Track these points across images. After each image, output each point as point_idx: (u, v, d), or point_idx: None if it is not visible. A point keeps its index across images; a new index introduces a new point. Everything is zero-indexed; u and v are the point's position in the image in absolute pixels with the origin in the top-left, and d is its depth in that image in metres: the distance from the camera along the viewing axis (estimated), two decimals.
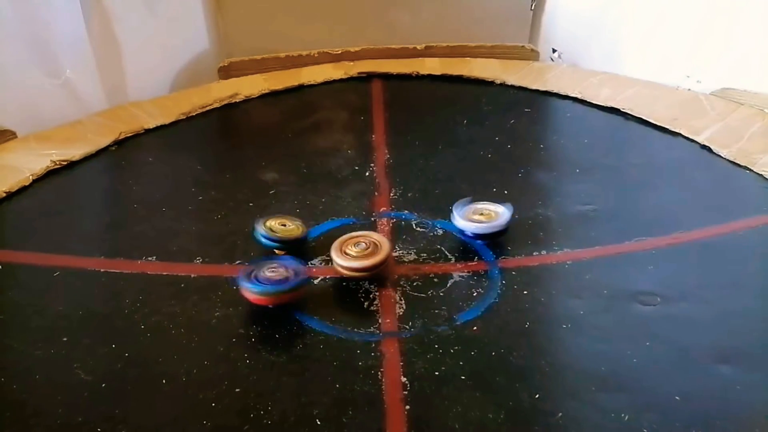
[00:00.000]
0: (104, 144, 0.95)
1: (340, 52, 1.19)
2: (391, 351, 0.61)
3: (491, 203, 0.76)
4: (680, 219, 0.78)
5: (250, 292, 0.64)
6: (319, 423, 0.55)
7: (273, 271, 0.66)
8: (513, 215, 0.74)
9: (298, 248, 0.73)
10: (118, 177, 0.91)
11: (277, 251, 0.73)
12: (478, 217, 0.74)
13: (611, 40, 1.14)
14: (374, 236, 0.71)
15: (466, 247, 0.75)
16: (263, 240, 0.72)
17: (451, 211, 0.75)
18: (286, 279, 0.65)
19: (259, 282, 0.65)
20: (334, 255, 0.68)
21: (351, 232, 0.75)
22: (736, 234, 0.77)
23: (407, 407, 0.56)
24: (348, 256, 0.68)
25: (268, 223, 0.73)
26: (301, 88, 1.13)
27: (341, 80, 1.15)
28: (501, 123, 1.01)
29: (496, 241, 0.75)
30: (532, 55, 1.22)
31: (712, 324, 0.65)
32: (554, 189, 0.87)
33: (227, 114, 1.07)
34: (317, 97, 1.11)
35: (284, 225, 0.74)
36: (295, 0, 1.17)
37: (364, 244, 0.69)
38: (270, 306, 0.66)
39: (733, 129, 0.95)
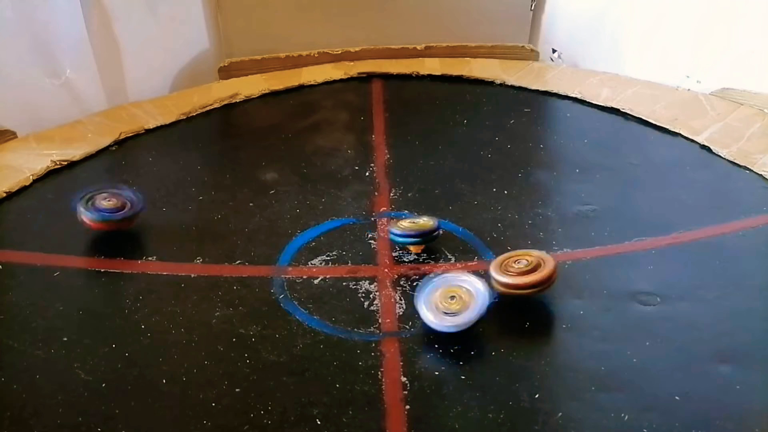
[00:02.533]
0: (104, 144, 0.95)
1: (340, 52, 1.19)
2: (391, 351, 0.61)
3: (462, 276, 0.64)
4: (680, 219, 0.78)
5: (87, 218, 0.72)
6: (319, 423, 0.55)
7: (108, 201, 0.74)
8: (492, 299, 0.63)
9: (433, 240, 0.73)
10: (118, 177, 0.91)
11: (412, 248, 0.73)
12: (447, 305, 0.62)
13: (611, 40, 1.14)
14: (535, 253, 0.66)
15: (466, 247, 0.75)
16: (398, 239, 0.73)
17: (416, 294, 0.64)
18: (122, 208, 0.74)
19: (97, 210, 0.73)
20: (495, 273, 0.65)
21: (351, 232, 0.75)
22: (736, 234, 0.77)
23: (407, 407, 0.56)
24: (510, 274, 0.64)
25: (399, 224, 0.74)
26: (301, 88, 1.13)
27: (341, 80, 1.15)
28: (501, 123, 1.01)
29: (497, 240, 0.75)
30: (532, 55, 1.22)
31: (712, 324, 0.65)
32: (554, 189, 0.87)
33: (227, 114, 1.07)
34: (317, 97, 1.11)
35: (414, 222, 0.74)
36: (295, 0, 1.17)
37: (525, 261, 0.65)
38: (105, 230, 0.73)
39: (733, 129, 0.95)
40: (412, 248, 0.73)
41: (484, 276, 0.65)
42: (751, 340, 0.63)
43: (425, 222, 0.73)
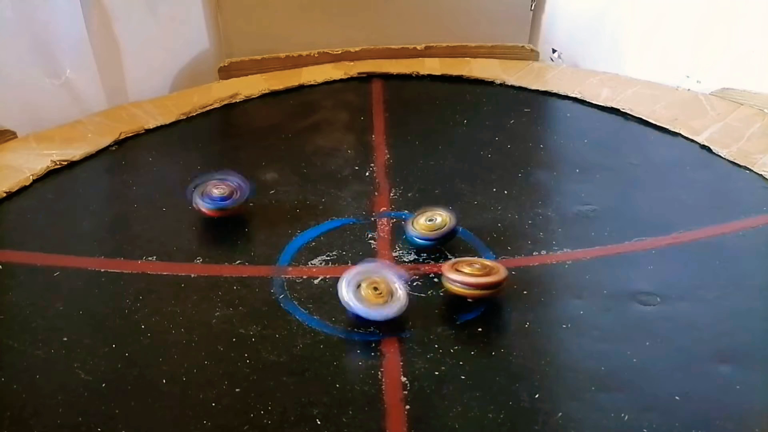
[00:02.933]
0: (104, 144, 0.95)
1: (340, 52, 1.19)
2: (391, 351, 0.61)
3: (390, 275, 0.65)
4: (680, 219, 0.78)
5: (204, 207, 0.76)
6: (319, 423, 0.55)
7: (219, 189, 0.77)
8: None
9: (451, 239, 0.74)
10: (118, 177, 0.91)
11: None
12: (370, 293, 0.64)
13: (611, 40, 1.14)
14: (487, 262, 0.67)
15: (466, 247, 0.75)
16: (417, 241, 0.73)
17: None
18: (231, 195, 0.77)
19: (211, 198, 0.76)
20: (447, 272, 0.65)
21: (351, 232, 0.75)
22: (736, 234, 0.77)
23: (407, 407, 0.56)
24: (463, 273, 0.65)
25: (416, 224, 0.74)
26: (301, 88, 1.13)
27: (341, 80, 1.15)
28: (501, 123, 1.01)
29: (497, 240, 0.75)
30: (532, 55, 1.22)
31: (712, 324, 0.65)
32: (554, 189, 0.87)
33: (227, 114, 1.07)
34: (317, 97, 1.11)
35: (431, 220, 0.73)
36: (295, 0, 1.17)
37: (478, 265, 0.65)
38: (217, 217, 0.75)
39: (733, 129, 0.95)
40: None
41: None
42: (751, 340, 0.63)
43: (442, 219, 0.73)
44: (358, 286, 0.63)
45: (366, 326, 0.64)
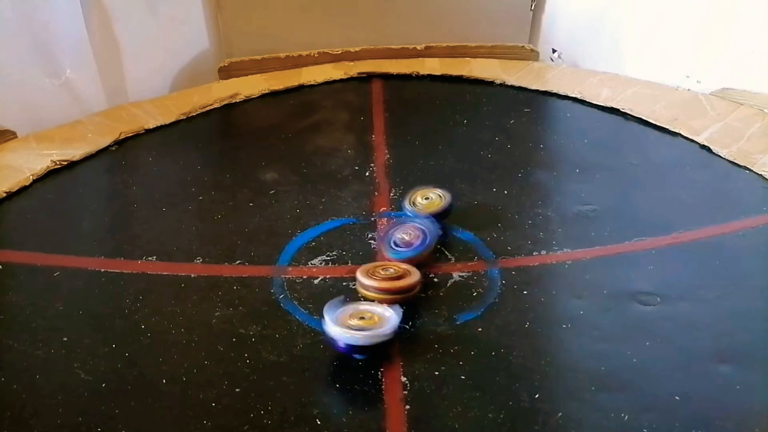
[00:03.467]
0: (104, 144, 0.95)
1: (340, 52, 1.19)
2: (391, 351, 0.61)
3: (373, 305, 0.63)
4: (680, 219, 0.78)
5: (394, 259, 0.68)
6: (319, 423, 0.55)
7: (407, 234, 0.70)
8: (400, 322, 0.61)
9: (444, 217, 0.76)
10: (118, 177, 0.91)
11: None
12: (357, 322, 0.60)
13: (611, 40, 1.14)
14: (403, 266, 0.66)
15: (466, 247, 0.75)
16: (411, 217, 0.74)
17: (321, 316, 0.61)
18: (421, 239, 0.70)
19: (399, 247, 0.69)
20: (361, 277, 0.64)
21: (351, 232, 0.76)
22: (736, 234, 0.77)
23: (407, 407, 0.56)
24: (377, 278, 0.64)
25: (413, 199, 0.76)
26: (301, 88, 1.13)
27: (341, 80, 1.15)
28: (501, 123, 1.01)
29: (497, 240, 0.75)
30: (532, 55, 1.22)
31: (712, 324, 0.65)
32: (554, 189, 0.87)
33: (227, 114, 1.07)
34: (317, 97, 1.11)
35: (427, 198, 0.76)
36: (295, 0, 1.17)
37: (392, 270, 0.65)
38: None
39: (733, 129, 0.95)
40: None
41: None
42: (751, 340, 0.63)
43: (437, 200, 0.76)
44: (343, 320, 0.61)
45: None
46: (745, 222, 0.78)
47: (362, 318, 0.60)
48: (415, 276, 0.65)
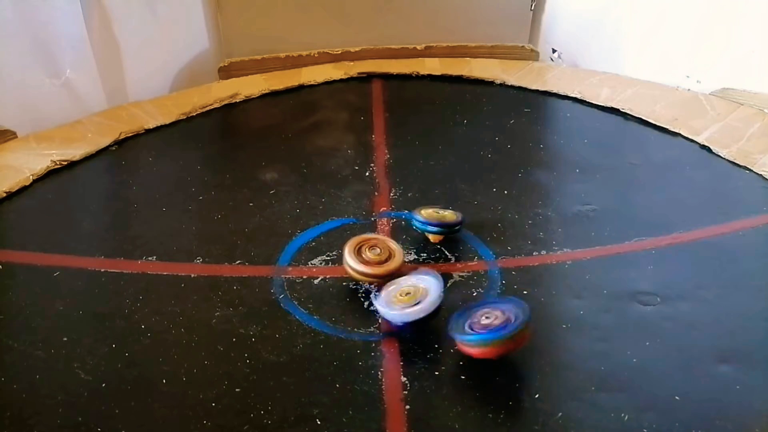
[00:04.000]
0: (104, 144, 0.95)
1: (340, 52, 1.19)
2: (391, 351, 0.61)
3: (416, 277, 0.64)
4: (680, 219, 0.78)
5: (466, 345, 0.58)
6: (319, 423, 0.55)
7: (488, 318, 0.59)
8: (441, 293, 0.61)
9: (454, 234, 0.75)
10: (118, 177, 0.91)
11: (431, 237, 0.74)
12: (404, 298, 0.62)
13: (611, 40, 1.14)
14: (390, 243, 0.69)
15: (466, 247, 0.75)
16: (420, 225, 0.74)
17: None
18: (505, 324, 0.57)
19: (474, 331, 0.58)
20: (348, 257, 0.67)
21: (351, 232, 0.75)
22: (736, 234, 0.77)
23: (407, 407, 0.56)
24: (362, 261, 0.66)
25: (423, 212, 0.75)
26: (301, 88, 1.13)
27: (341, 80, 1.15)
28: (501, 123, 1.01)
29: (497, 240, 0.75)
30: (532, 55, 1.22)
31: (712, 324, 0.65)
32: (554, 189, 0.87)
33: (227, 114, 1.07)
34: (317, 97, 1.11)
35: (437, 213, 0.75)
36: (295, 0, 1.17)
37: (379, 249, 0.67)
38: (494, 358, 0.58)
39: (733, 129, 0.95)
40: (431, 237, 0.74)
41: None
42: (751, 340, 0.63)
43: (449, 214, 0.75)
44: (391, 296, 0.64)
45: (366, 326, 0.64)
46: (745, 222, 0.78)
47: (408, 294, 0.62)
48: (397, 259, 0.67)
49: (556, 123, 1.06)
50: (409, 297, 0.62)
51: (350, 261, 0.67)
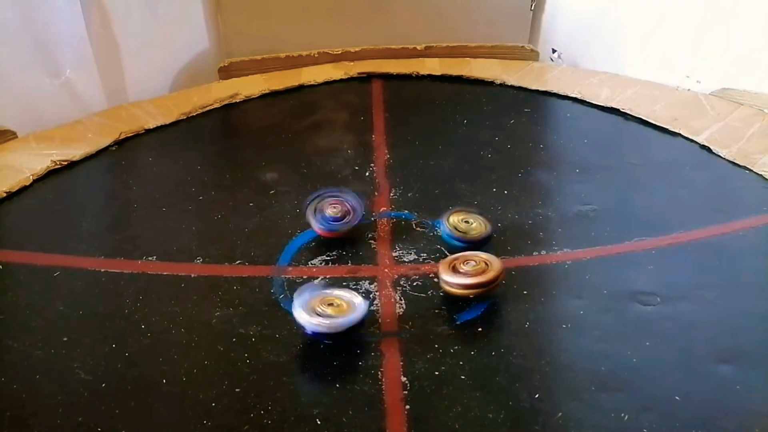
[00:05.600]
0: (104, 144, 0.95)
1: (340, 52, 1.19)
2: (391, 351, 0.61)
3: (343, 291, 0.64)
4: (680, 219, 0.78)
5: (317, 227, 0.72)
6: (319, 423, 0.55)
7: (334, 208, 0.73)
8: (369, 308, 0.63)
9: (485, 245, 0.73)
10: (118, 177, 0.91)
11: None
12: (325, 309, 0.62)
13: (611, 40, 1.14)
14: (483, 255, 0.67)
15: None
16: (450, 240, 0.73)
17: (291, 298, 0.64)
18: (345, 216, 0.73)
19: (324, 219, 0.73)
20: (444, 274, 0.66)
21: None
22: (736, 234, 0.77)
23: (407, 407, 0.56)
24: (460, 274, 0.65)
25: (451, 220, 0.73)
26: (301, 88, 1.13)
27: (341, 80, 1.15)
28: (501, 123, 1.01)
29: (497, 240, 0.75)
30: (532, 56, 1.22)
31: (712, 324, 0.65)
32: (554, 189, 0.87)
33: (227, 114, 1.07)
34: (317, 97, 1.11)
35: (467, 222, 0.73)
36: (295, 0, 1.17)
37: (473, 262, 0.66)
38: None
39: (733, 129, 0.95)
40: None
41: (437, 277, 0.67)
42: (751, 340, 0.63)
43: (477, 226, 0.73)
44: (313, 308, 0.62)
45: (366, 326, 0.64)
46: (745, 222, 0.78)
47: (331, 305, 0.62)
48: (496, 267, 0.65)
49: (556, 123, 1.06)
50: (333, 309, 0.61)
51: (448, 278, 0.65)
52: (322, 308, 0.61)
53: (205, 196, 0.86)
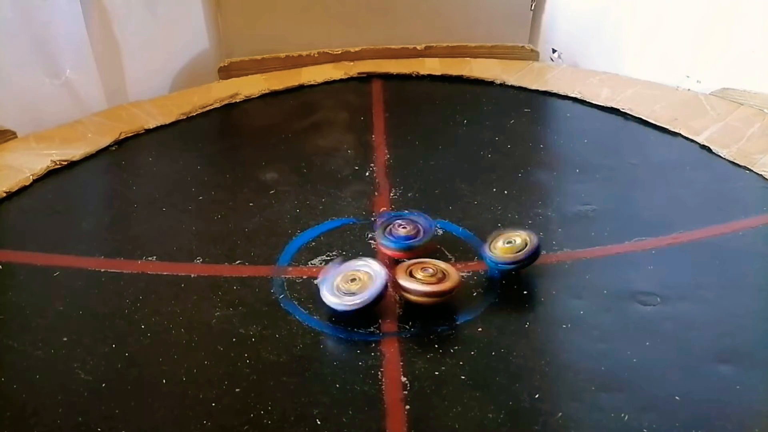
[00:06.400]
0: (104, 144, 0.95)
1: (340, 52, 1.19)
2: (391, 351, 0.61)
3: (360, 261, 0.66)
4: (680, 219, 0.78)
5: (387, 248, 0.70)
6: (319, 423, 0.55)
7: (404, 228, 0.71)
8: (384, 285, 0.64)
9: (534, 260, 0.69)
10: (118, 177, 0.91)
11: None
12: (349, 286, 0.64)
13: (611, 40, 1.14)
14: (440, 264, 0.67)
15: (466, 247, 0.75)
16: (495, 265, 0.69)
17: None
18: (416, 234, 0.71)
19: (395, 238, 0.70)
20: (402, 279, 0.65)
21: (351, 232, 0.75)
22: (736, 234, 0.77)
23: (407, 407, 0.56)
24: (416, 280, 0.65)
25: (493, 248, 0.69)
26: (301, 88, 1.13)
27: (341, 80, 1.15)
28: (501, 123, 1.01)
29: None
30: (532, 55, 1.22)
31: (712, 324, 0.65)
32: (554, 189, 0.87)
33: (227, 114, 1.07)
34: (317, 97, 1.11)
35: (510, 242, 0.69)
36: (295, 0, 1.17)
37: (431, 269, 0.65)
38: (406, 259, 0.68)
39: (733, 129, 0.95)
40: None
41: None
42: (751, 340, 0.63)
43: (521, 240, 0.69)
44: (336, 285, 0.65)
45: (366, 326, 0.64)
46: (745, 222, 0.78)
47: (353, 280, 0.64)
48: (453, 278, 0.65)
49: (556, 123, 1.06)
50: (355, 284, 0.64)
51: (407, 284, 0.65)
52: (346, 286, 0.64)
53: (205, 196, 0.86)
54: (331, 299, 0.64)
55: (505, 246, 0.69)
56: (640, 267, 0.72)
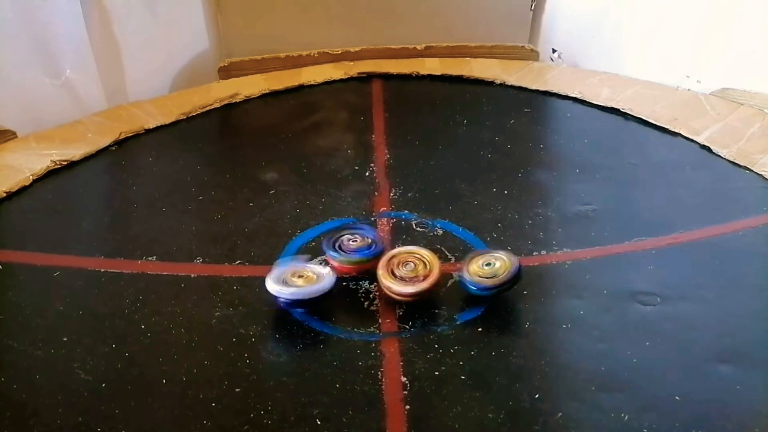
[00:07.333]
0: (104, 144, 0.95)
1: (340, 52, 1.19)
2: (391, 351, 0.61)
3: (314, 265, 0.67)
4: (680, 219, 0.78)
5: (334, 260, 0.68)
6: (319, 423, 0.55)
7: (353, 241, 0.69)
8: (335, 283, 0.65)
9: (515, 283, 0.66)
10: (118, 177, 0.91)
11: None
12: (295, 280, 0.65)
13: (611, 40, 1.14)
14: (423, 252, 0.67)
15: (466, 247, 0.75)
16: (474, 290, 0.65)
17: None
18: (368, 246, 0.69)
19: (342, 251, 0.69)
20: (382, 276, 0.65)
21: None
22: (736, 234, 0.77)
23: (407, 407, 0.56)
24: (397, 279, 0.65)
25: (471, 269, 0.65)
26: (301, 88, 1.13)
27: (341, 80, 1.15)
28: (501, 123, 1.01)
29: (497, 240, 0.75)
30: (532, 55, 1.22)
31: (712, 324, 0.65)
32: (554, 189, 0.87)
33: (227, 114, 1.07)
34: (317, 97, 1.11)
35: (489, 264, 0.65)
36: (295, 0, 1.17)
37: (412, 264, 0.66)
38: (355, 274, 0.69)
39: (733, 129, 0.95)
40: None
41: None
42: (751, 340, 0.63)
43: (501, 264, 0.65)
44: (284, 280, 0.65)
45: (366, 326, 0.64)
46: (745, 222, 0.78)
47: (301, 276, 0.65)
48: (435, 274, 0.65)
49: (556, 123, 1.06)
50: (300, 280, 0.65)
51: (388, 283, 0.65)
52: (292, 280, 0.65)
53: (205, 196, 0.86)
54: (271, 284, 0.64)
55: (483, 269, 0.65)
56: (640, 267, 0.72)
